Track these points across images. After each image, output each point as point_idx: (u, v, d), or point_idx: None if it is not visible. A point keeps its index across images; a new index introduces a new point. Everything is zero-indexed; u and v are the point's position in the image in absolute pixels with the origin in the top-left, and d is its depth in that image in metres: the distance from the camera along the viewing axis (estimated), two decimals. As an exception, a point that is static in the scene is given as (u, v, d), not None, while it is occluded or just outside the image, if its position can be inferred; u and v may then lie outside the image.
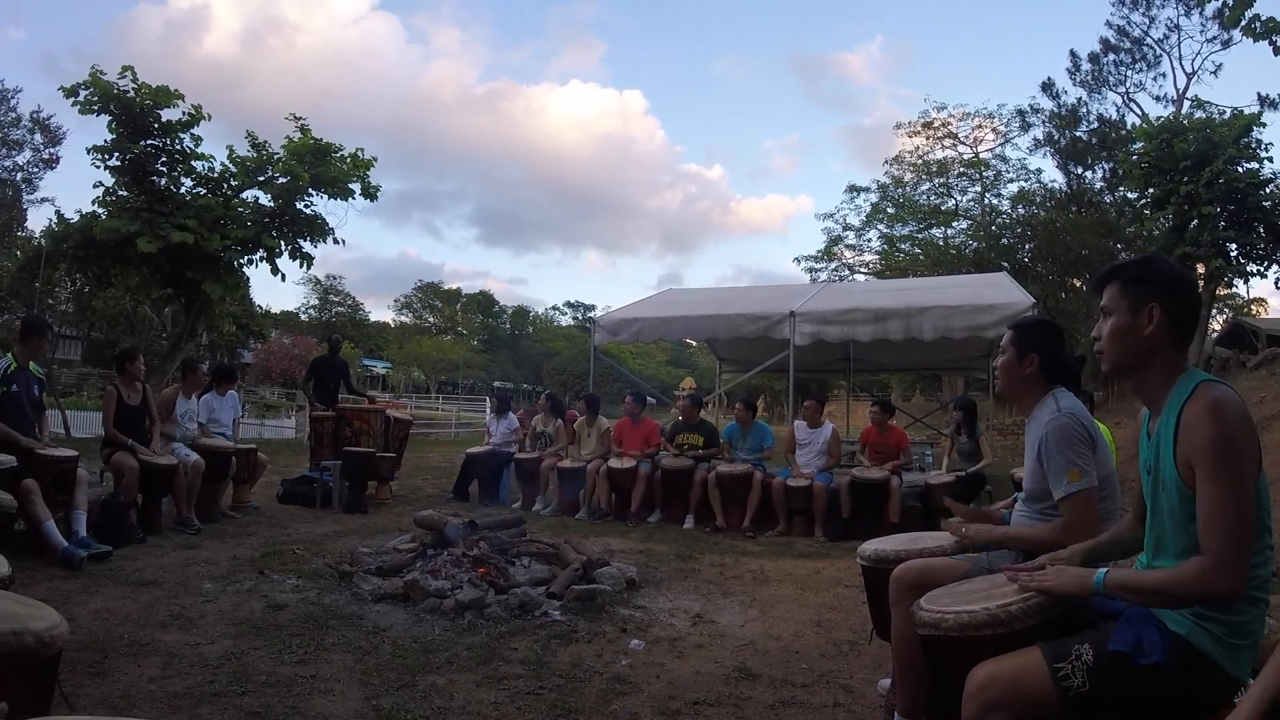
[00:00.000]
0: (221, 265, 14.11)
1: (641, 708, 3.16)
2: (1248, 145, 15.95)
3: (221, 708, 2.97)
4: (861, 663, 3.77)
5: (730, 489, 7.86)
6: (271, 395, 32.26)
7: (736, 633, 4.26)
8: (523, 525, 5.99)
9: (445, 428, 24.21)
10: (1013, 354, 2.68)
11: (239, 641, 3.72)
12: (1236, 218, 15.80)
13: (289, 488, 8.44)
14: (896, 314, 8.75)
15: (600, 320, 10.53)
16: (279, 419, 23.48)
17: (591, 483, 8.42)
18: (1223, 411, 1.72)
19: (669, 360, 67.47)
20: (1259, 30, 7.30)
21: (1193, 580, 1.72)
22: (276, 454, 11.60)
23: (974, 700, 1.85)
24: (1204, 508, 1.72)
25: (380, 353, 58.90)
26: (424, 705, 3.07)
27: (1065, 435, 2.47)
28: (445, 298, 76.01)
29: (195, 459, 6.70)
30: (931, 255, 30.26)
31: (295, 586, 4.80)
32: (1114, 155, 25.86)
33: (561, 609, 4.41)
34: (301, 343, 40.07)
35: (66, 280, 22.76)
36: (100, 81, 13.09)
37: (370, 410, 9.42)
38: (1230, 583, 1.68)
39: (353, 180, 14.84)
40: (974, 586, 2.26)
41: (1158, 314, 1.87)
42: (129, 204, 13.64)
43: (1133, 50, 28.78)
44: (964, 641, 2.01)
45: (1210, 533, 1.70)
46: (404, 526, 6.77)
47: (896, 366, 16.32)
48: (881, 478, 7.53)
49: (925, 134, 31.45)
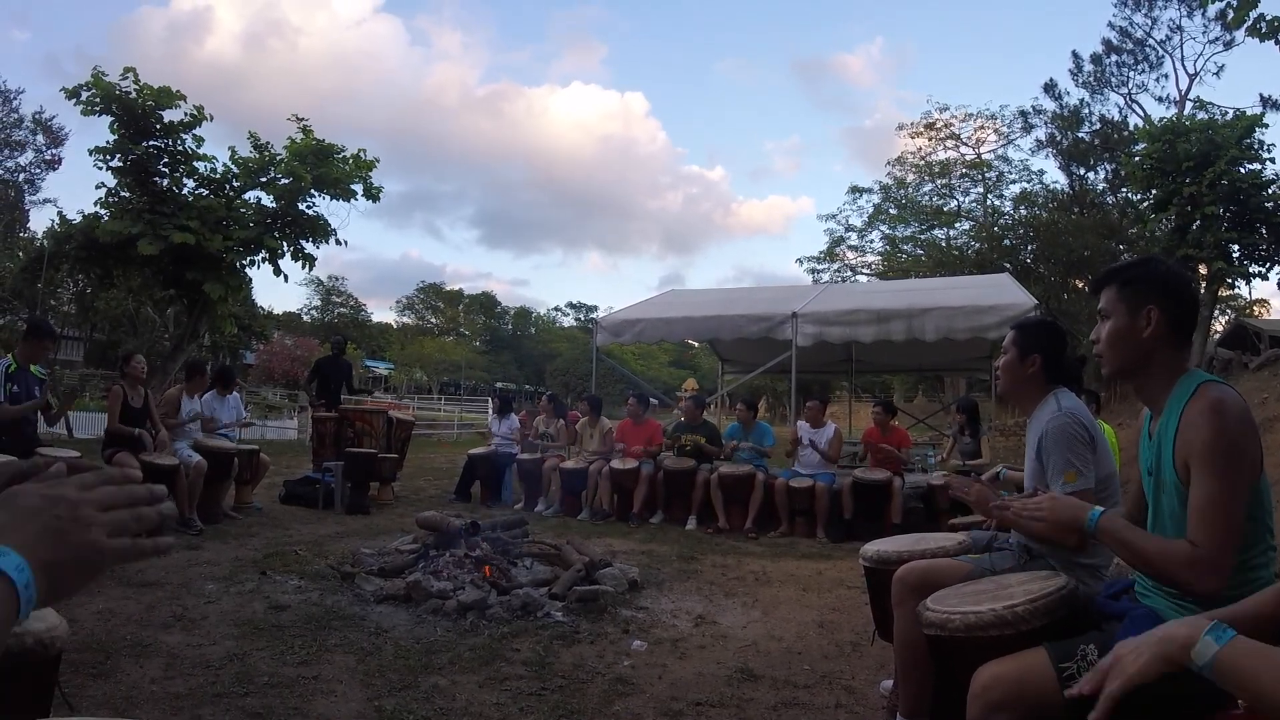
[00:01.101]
0: (223, 266, 14.14)
1: (644, 709, 3.15)
2: (1250, 146, 15.95)
3: (224, 709, 2.97)
4: (864, 664, 3.77)
5: (732, 490, 7.85)
6: (273, 396, 32.31)
7: (739, 634, 4.25)
8: (525, 526, 5.98)
9: (447, 429, 24.21)
10: (1015, 354, 2.67)
11: (241, 642, 3.72)
12: (1239, 219, 15.78)
13: (291, 488, 8.44)
14: (899, 315, 8.73)
15: (602, 321, 10.53)
16: (281, 420, 23.49)
17: (593, 483, 8.42)
18: (1223, 412, 1.71)
19: (671, 361, 67.46)
20: (1264, 30, 7.28)
21: (1179, 563, 1.69)
22: (279, 455, 11.60)
23: (978, 701, 1.84)
24: (1194, 504, 1.71)
25: (382, 354, 58.96)
26: (426, 706, 3.07)
27: (1065, 435, 2.46)
28: (447, 299, 76.07)
29: (197, 460, 6.70)
30: (934, 256, 30.29)
31: (297, 587, 4.80)
32: (1116, 156, 25.84)
33: (564, 610, 4.41)
34: (303, 344, 40.15)
35: (69, 281, 22.81)
36: (102, 83, 13.12)
37: (372, 411, 9.43)
38: (1208, 582, 1.67)
39: (355, 181, 14.86)
40: (979, 587, 2.25)
41: (1156, 315, 1.86)
42: (131, 205, 13.67)
43: (1135, 51, 28.79)
44: (970, 642, 2.00)
45: (1197, 530, 1.68)
46: (406, 527, 6.77)
47: (899, 367, 16.30)
48: (884, 479, 7.52)
49: (928, 135, 31.50)
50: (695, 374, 50.74)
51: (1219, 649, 1.14)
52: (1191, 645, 1.17)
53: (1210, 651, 1.15)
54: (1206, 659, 1.15)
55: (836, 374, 15.89)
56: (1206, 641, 1.16)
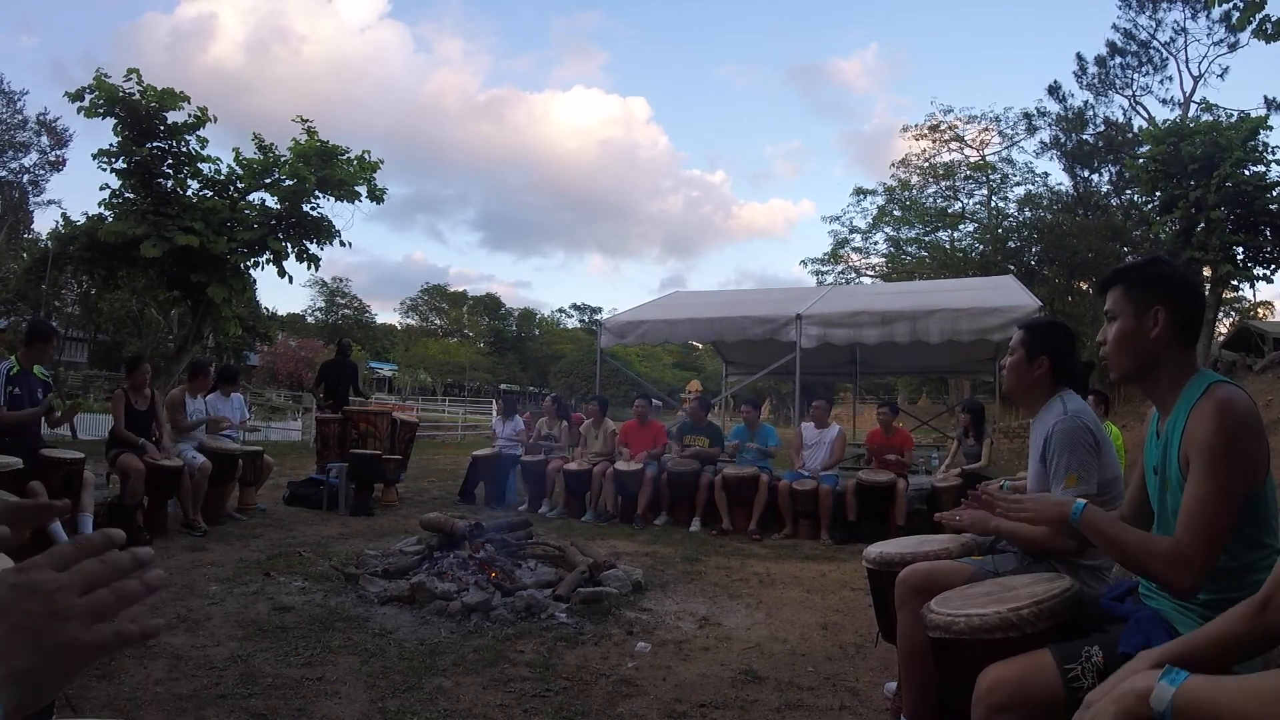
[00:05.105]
0: (228, 268, 14.18)
1: (648, 710, 3.15)
2: (1254, 148, 15.94)
3: (228, 710, 2.97)
4: (867, 665, 3.76)
5: (737, 492, 7.85)
6: (278, 397, 32.35)
7: (742, 635, 4.25)
8: (529, 528, 5.98)
9: (451, 430, 24.21)
10: (1022, 355, 2.65)
11: (245, 644, 3.72)
12: (1243, 221, 15.78)
13: (295, 490, 8.45)
14: (903, 317, 8.73)
15: (607, 323, 10.53)
16: (285, 421, 23.52)
17: (598, 485, 8.42)
18: (1227, 412, 1.69)
19: (675, 363, 67.37)
20: (1270, 32, 7.25)
21: (1160, 558, 1.69)
22: (283, 456, 11.62)
23: (983, 703, 1.84)
24: (1185, 501, 1.71)
25: (386, 355, 59.02)
26: (430, 708, 3.07)
27: (1070, 438, 2.45)
28: (451, 300, 76.06)
29: (202, 461, 6.71)
30: (938, 258, 30.30)
31: (301, 589, 4.80)
32: (1121, 158, 25.86)
33: (568, 611, 4.41)
34: (308, 345, 40.25)
35: (73, 283, 22.92)
36: (105, 85, 13.17)
37: (376, 413, 9.42)
38: (1185, 580, 1.67)
39: (359, 183, 14.89)
40: (984, 589, 2.25)
41: (1162, 316, 1.85)
42: (135, 206, 13.71)
43: (1139, 53, 28.76)
44: (975, 644, 2.00)
45: (1184, 527, 1.68)
46: (410, 529, 6.77)
47: (903, 369, 16.29)
48: (888, 480, 7.52)
49: (931, 137, 31.51)
50: (699, 375, 50.67)
51: (1174, 691, 1.18)
52: (1149, 694, 1.20)
53: (1167, 695, 1.18)
54: (1165, 703, 1.18)
55: (841, 376, 15.86)
56: (1162, 686, 1.20)
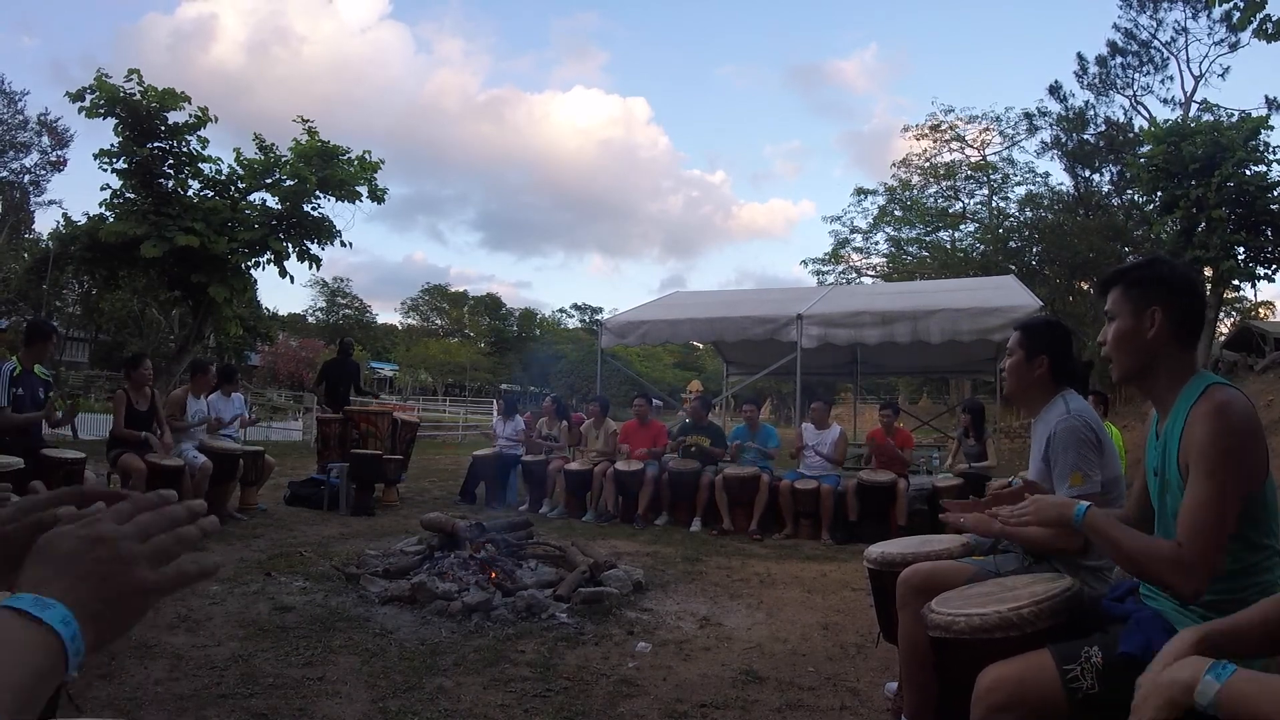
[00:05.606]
0: (228, 268, 14.18)
1: (648, 710, 3.15)
2: (1255, 148, 15.93)
3: (228, 710, 2.97)
4: (868, 666, 3.76)
5: (737, 492, 7.85)
6: (278, 397, 32.37)
7: (743, 635, 4.25)
8: (530, 528, 5.99)
9: (452, 430, 24.20)
10: (1021, 355, 2.65)
11: (246, 644, 3.73)
12: (1244, 221, 15.77)
13: (296, 490, 8.45)
14: (904, 317, 8.73)
15: (607, 323, 10.53)
16: (286, 421, 23.53)
17: (598, 485, 8.42)
18: (1225, 415, 1.69)
19: (676, 363, 67.28)
20: (1271, 32, 7.25)
21: (1161, 562, 1.69)
22: (284, 456, 11.63)
23: (982, 703, 1.84)
24: (1185, 505, 1.70)
25: (387, 355, 59.01)
26: (431, 707, 3.07)
27: (1073, 437, 2.45)
28: (452, 300, 76.01)
29: (203, 461, 6.72)
30: (939, 258, 30.29)
31: (302, 589, 4.80)
32: (1122, 158, 25.84)
33: (568, 611, 4.41)
34: (308, 345, 40.26)
35: (74, 283, 22.93)
36: (106, 85, 13.18)
37: (377, 413, 9.43)
38: (1188, 584, 1.66)
39: (360, 183, 14.89)
40: (984, 589, 2.25)
41: (1160, 317, 1.85)
42: (136, 206, 13.72)
43: (1140, 53, 28.73)
44: (975, 644, 2.00)
45: (1184, 531, 1.68)
46: (411, 529, 6.77)
47: (904, 369, 16.29)
48: (888, 480, 7.51)
49: (932, 137, 31.49)
50: (700, 376, 50.64)
51: (1219, 687, 1.19)
52: (1194, 687, 1.21)
53: (1212, 691, 1.19)
54: (1209, 698, 1.19)
55: (842, 376, 15.87)
56: (1207, 681, 1.20)
